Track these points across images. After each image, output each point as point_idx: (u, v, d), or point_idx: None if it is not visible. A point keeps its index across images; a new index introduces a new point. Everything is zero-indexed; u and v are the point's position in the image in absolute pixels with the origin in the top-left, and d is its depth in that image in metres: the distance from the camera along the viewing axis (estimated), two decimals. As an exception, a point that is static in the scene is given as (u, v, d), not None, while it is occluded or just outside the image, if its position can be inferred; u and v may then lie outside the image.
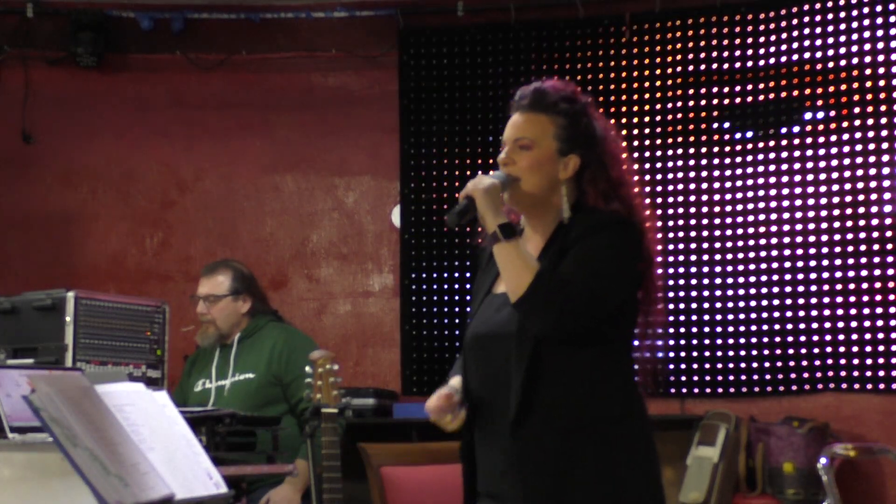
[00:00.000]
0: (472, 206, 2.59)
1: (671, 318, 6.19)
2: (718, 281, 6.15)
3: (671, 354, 6.17)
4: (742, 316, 6.08)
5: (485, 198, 2.58)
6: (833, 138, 5.98)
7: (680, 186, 6.27)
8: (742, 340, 6.06)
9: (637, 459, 2.56)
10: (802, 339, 5.95)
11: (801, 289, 5.97)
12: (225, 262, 5.11)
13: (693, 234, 6.23)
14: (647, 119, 6.36)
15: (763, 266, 6.06)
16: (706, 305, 6.16)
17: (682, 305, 6.19)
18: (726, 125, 6.21)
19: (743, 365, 6.05)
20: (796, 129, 6.08)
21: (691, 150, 6.27)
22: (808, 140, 6.04)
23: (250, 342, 4.85)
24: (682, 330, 6.17)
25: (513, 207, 2.70)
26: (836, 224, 5.93)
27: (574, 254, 2.55)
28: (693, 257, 6.21)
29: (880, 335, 5.79)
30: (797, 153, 6.06)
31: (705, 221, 6.21)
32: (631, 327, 2.67)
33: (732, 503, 5.72)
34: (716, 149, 6.22)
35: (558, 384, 2.51)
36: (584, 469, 2.48)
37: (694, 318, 6.17)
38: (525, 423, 2.49)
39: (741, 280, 6.11)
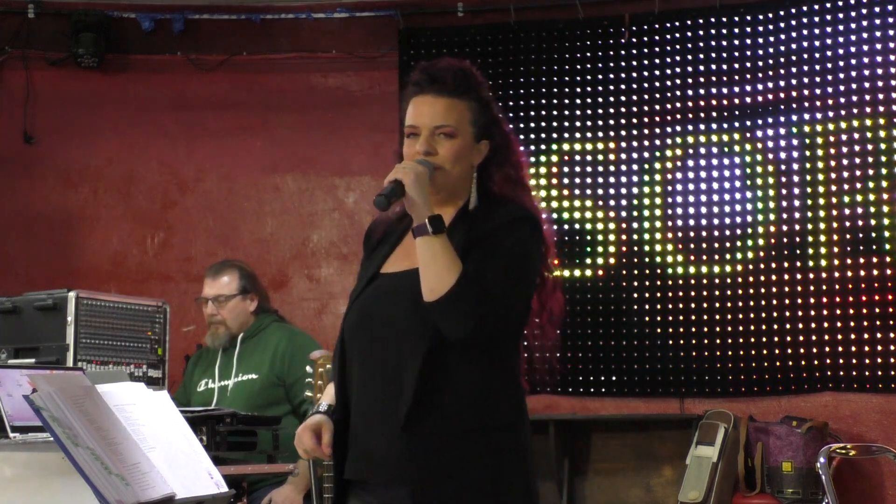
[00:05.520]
0: (399, 189, 2.44)
1: (670, 319, 6.21)
2: (717, 281, 6.16)
3: (670, 354, 6.19)
4: (741, 316, 6.09)
5: (416, 185, 2.43)
6: (832, 139, 5.99)
7: (679, 187, 6.28)
8: (741, 340, 6.07)
9: (522, 467, 2.46)
10: (801, 338, 5.96)
11: (799, 288, 5.98)
12: (229, 263, 5.13)
13: (692, 234, 6.23)
14: (646, 119, 6.37)
15: (762, 265, 6.07)
16: (705, 305, 6.16)
17: (681, 305, 6.20)
18: (724, 126, 6.22)
19: (742, 365, 6.06)
20: (794, 129, 6.09)
21: (690, 151, 6.28)
22: (808, 140, 6.05)
23: (254, 342, 4.86)
24: (682, 330, 6.18)
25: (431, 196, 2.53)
26: (835, 224, 5.94)
27: (487, 254, 2.44)
28: (692, 256, 6.22)
29: (879, 335, 5.80)
30: (796, 153, 6.07)
31: (704, 222, 6.22)
32: (522, 329, 2.56)
33: (731, 502, 5.73)
34: (714, 149, 6.23)
35: (452, 386, 2.40)
36: (472, 473, 2.39)
37: (693, 318, 6.17)
38: (416, 421, 2.38)
39: (740, 280, 6.11)
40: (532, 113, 6.53)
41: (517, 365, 2.55)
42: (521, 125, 6.48)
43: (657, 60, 6.38)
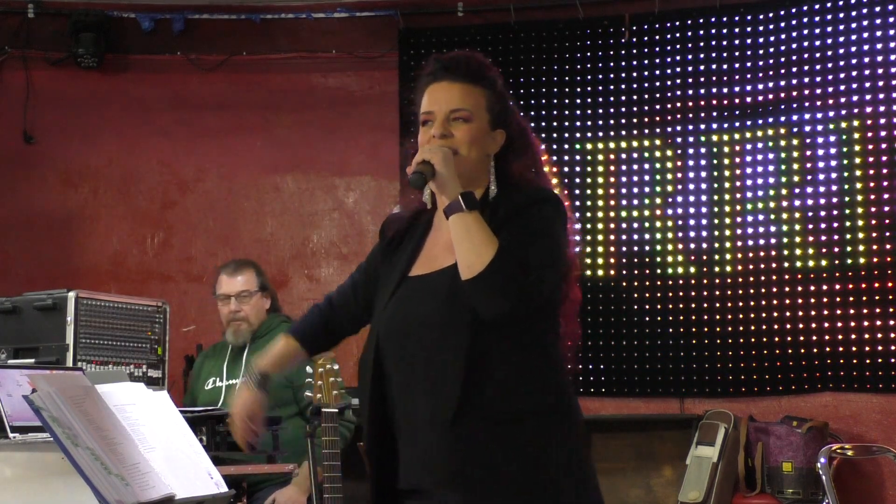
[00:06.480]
0: (429, 169, 2.44)
1: (670, 319, 6.21)
2: (717, 281, 6.16)
3: (670, 354, 6.19)
4: (741, 316, 6.09)
5: (445, 164, 2.44)
6: (832, 138, 6.00)
7: (679, 186, 6.29)
8: (741, 340, 6.07)
9: (574, 451, 2.45)
10: (801, 338, 5.96)
11: (799, 288, 5.98)
12: (245, 261, 5.14)
13: (692, 234, 6.23)
14: (646, 119, 6.37)
15: (762, 266, 6.07)
16: (705, 305, 6.16)
17: (681, 305, 6.20)
18: (724, 125, 6.22)
19: (742, 365, 6.06)
20: (795, 129, 6.09)
21: (690, 151, 6.28)
22: (808, 140, 6.05)
23: (263, 342, 4.86)
24: (682, 330, 6.18)
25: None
26: (836, 224, 5.95)
27: (516, 230, 2.42)
28: (692, 257, 6.22)
29: (879, 335, 5.80)
30: (796, 153, 6.07)
31: (704, 221, 6.22)
32: (557, 315, 2.54)
33: (732, 502, 5.72)
34: (714, 149, 6.23)
35: (495, 377, 2.38)
36: (521, 462, 2.38)
37: (693, 317, 6.17)
38: (463, 416, 2.35)
39: (740, 280, 6.11)
40: (532, 113, 6.53)
41: (558, 347, 2.53)
42: (521, 125, 6.47)
43: (657, 60, 6.38)
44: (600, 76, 6.47)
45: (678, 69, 6.34)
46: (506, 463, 2.37)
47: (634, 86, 6.40)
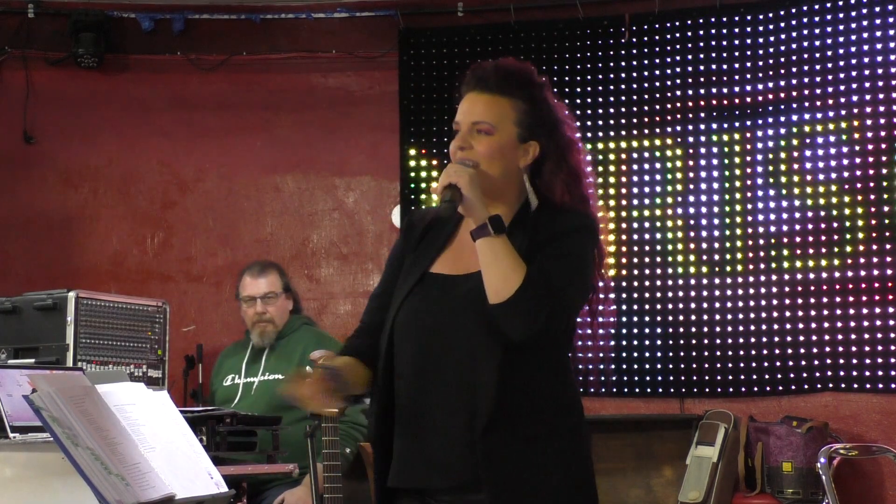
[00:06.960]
0: (457, 193, 2.41)
1: (670, 319, 6.21)
2: (717, 281, 6.15)
3: (670, 354, 6.19)
4: (741, 316, 6.09)
5: (472, 186, 2.41)
6: (832, 138, 5.99)
7: (679, 187, 6.28)
8: (741, 340, 6.07)
9: (590, 467, 2.50)
10: (801, 338, 5.96)
11: (800, 288, 5.98)
12: (269, 262, 5.18)
13: (692, 234, 6.23)
14: (646, 119, 6.37)
15: (762, 266, 6.07)
16: (705, 305, 6.16)
17: (681, 305, 6.20)
18: (725, 125, 6.22)
19: (742, 365, 6.06)
20: (795, 129, 6.09)
21: (690, 151, 6.28)
22: (808, 140, 6.05)
23: (283, 343, 4.89)
24: (682, 330, 6.18)
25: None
26: (836, 224, 5.94)
27: (549, 257, 2.42)
28: (692, 257, 6.22)
29: (879, 335, 5.80)
30: (796, 153, 6.07)
31: (704, 222, 6.22)
32: (573, 333, 2.56)
33: (732, 502, 5.73)
34: (714, 149, 6.23)
35: (524, 391, 2.40)
36: (550, 476, 2.40)
37: (693, 317, 6.17)
38: (493, 427, 2.36)
39: (740, 280, 6.11)
40: (532, 113, 6.51)
41: (571, 368, 2.56)
42: (521, 125, 6.47)
43: (657, 60, 6.38)
44: (600, 76, 6.46)
45: (678, 69, 6.34)
46: (535, 475, 2.39)
47: (634, 86, 6.40)
